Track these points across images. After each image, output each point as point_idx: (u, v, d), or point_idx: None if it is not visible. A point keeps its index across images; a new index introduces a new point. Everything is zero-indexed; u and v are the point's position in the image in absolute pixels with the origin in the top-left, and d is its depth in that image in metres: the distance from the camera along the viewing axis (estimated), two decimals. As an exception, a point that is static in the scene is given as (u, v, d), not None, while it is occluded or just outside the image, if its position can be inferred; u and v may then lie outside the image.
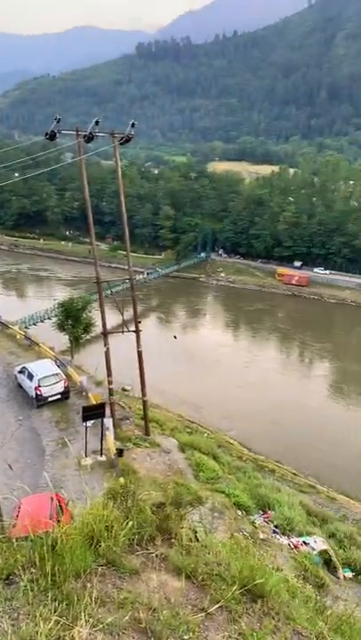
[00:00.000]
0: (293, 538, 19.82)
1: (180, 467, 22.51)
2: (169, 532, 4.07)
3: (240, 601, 3.38)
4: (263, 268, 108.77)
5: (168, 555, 3.75)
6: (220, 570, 3.66)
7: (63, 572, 3.01)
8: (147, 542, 3.86)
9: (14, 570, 3.07)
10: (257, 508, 21.74)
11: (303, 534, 20.45)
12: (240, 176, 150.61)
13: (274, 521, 20.78)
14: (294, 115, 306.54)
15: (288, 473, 39.07)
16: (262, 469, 36.66)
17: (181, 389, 51.12)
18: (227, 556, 3.94)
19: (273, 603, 3.47)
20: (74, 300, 42.54)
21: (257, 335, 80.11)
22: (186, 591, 3.39)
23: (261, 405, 51.20)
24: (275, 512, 21.52)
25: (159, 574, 3.50)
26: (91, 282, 36.59)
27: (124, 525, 3.81)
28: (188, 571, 3.52)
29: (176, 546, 3.89)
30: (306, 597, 4.32)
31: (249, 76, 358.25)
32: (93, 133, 21.11)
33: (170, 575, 3.54)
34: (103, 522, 3.72)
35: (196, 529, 4.63)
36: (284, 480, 35.85)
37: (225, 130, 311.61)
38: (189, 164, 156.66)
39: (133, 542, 3.79)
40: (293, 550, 18.43)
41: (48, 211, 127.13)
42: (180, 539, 4.01)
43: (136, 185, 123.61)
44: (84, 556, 3.30)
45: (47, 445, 22.82)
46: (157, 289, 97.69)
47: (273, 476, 34.74)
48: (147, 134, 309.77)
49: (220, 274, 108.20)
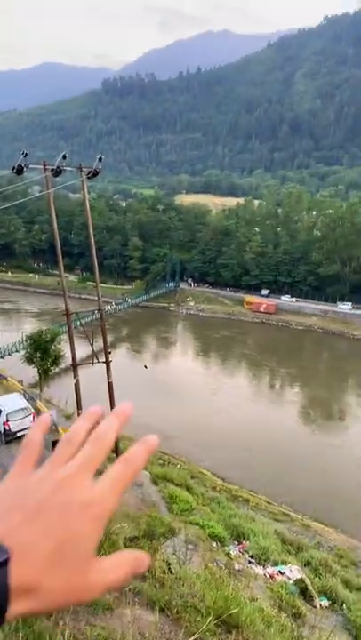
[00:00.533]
0: (269, 567, 19.55)
1: (153, 499, 22.14)
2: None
3: (215, 632, 3.35)
4: (232, 297, 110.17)
5: (142, 588, 3.71)
6: (195, 601, 3.63)
7: (35, 611, 2.94)
8: (120, 576, 3.81)
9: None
10: (232, 538, 21.44)
11: (279, 563, 20.21)
12: (207, 208, 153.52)
13: (249, 551, 20.50)
14: (257, 148, 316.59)
15: (262, 502, 38.81)
16: (236, 499, 36.33)
17: (153, 419, 50.46)
18: (201, 587, 3.92)
19: (248, 632, 3.45)
20: (42, 333, 42.04)
21: (227, 362, 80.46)
22: (160, 625, 3.35)
23: (233, 433, 51.13)
24: (249, 542, 21.26)
25: (133, 609, 3.46)
26: (60, 313, 36.37)
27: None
28: (161, 604, 3.49)
29: (150, 579, 3.86)
30: (281, 627, 4.31)
31: (213, 112, 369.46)
32: (61, 167, 21.32)
33: (144, 609, 3.50)
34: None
35: (169, 561, 4.58)
36: (259, 509, 35.57)
37: (191, 163, 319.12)
38: (157, 197, 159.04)
39: (106, 577, 3.74)
40: (269, 580, 18.16)
41: (16, 243, 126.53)
42: (153, 571, 3.97)
43: (105, 217, 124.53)
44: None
45: (16, 482, 22.19)
46: (127, 319, 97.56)
47: (247, 506, 34.43)
48: (114, 168, 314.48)
49: (189, 303, 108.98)
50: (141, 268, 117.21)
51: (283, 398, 68.02)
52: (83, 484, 0.70)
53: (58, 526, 0.66)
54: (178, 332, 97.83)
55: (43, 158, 25.55)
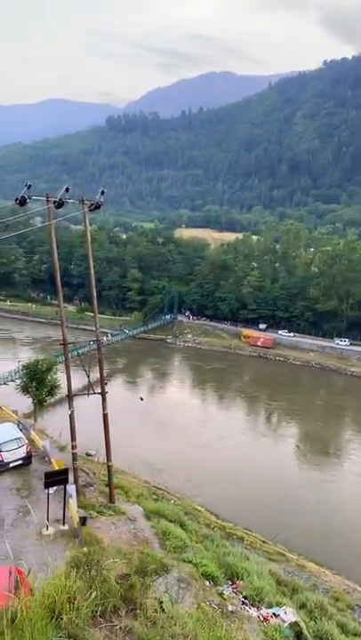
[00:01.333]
0: (263, 609, 18.99)
1: (145, 535, 21.66)
2: (134, 602, 3.94)
3: (207, 674, 3.27)
4: (229, 330, 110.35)
5: (133, 627, 3.62)
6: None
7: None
8: (111, 614, 3.73)
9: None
10: (225, 577, 20.90)
11: (273, 605, 19.64)
12: (206, 242, 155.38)
13: (243, 591, 19.94)
14: (257, 186, 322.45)
15: (257, 540, 37.99)
16: (231, 537, 35.60)
17: (148, 453, 50.08)
18: (193, 627, 3.82)
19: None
20: (39, 362, 41.80)
21: (223, 396, 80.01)
22: (151, 665, 3.26)
23: (228, 468, 50.47)
24: (244, 582, 20.72)
25: (123, 648, 3.37)
26: (56, 343, 36.32)
27: (88, 596, 3.68)
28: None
29: (141, 617, 3.77)
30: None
31: (214, 149, 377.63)
32: (63, 200, 21.66)
33: (134, 649, 3.41)
34: (65, 592, 3.60)
35: (161, 599, 4.47)
36: (253, 548, 34.82)
37: (191, 199, 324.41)
38: (157, 230, 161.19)
39: (97, 614, 3.66)
40: (263, 623, 17.63)
41: (15, 273, 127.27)
42: (145, 609, 3.88)
43: (105, 249, 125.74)
44: (45, 630, 3.17)
45: (7, 514, 21.70)
46: (124, 350, 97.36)
47: (242, 544, 33.71)
48: (116, 201, 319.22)
49: (186, 335, 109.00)
50: (140, 299, 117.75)
51: (278, 433, 67.44)
52: None
53: None
54: (174, 365, 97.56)
55: (46, 190, 25.99)
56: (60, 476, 20.47)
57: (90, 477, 26.99)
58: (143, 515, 24.19)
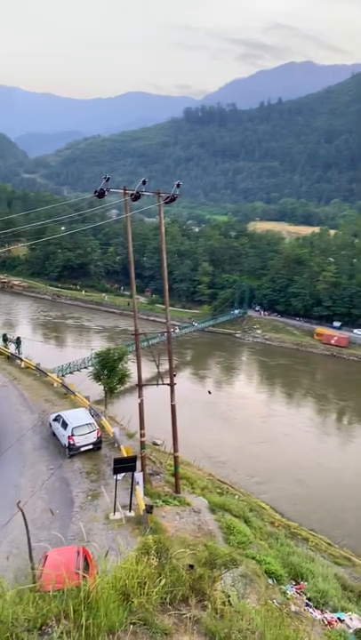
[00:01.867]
0: (327, 613, 18.60)
1: (210, 528, 21.76)
2: (202, 593, 3.97)
3: (274, 673, 3.24)
4: (301, 327, 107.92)
5: (201, 617, 3.65)
6: (255, 638, 3.53)
7: (97, 626, 2.97)
8: (179, 602, 3.78)
9: (47, 620, 3.05)
10: (289, 577, 20.65)
11: (338, 610, 19.19)
12: (280, 235, 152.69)
13: (307, 593, 19.63)
14: (336, 178, 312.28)
15: (322, 542, 37.10)
16: (295, 537, 35.00)
17: (214, 446, 50.23)
18: (261, 623, 3.80)
19: None
20: (111, 351, 42.87)
21: (292, 394, 78.55)
22: (218, 658, 3.28)
23: (295, 467, 49.58)
24: (308, 583, 20.37)
25: (192, 637, 3.41)
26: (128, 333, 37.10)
27: (157, 583, 3.75)
28: (221, 636, 3.42)
29: (209, 609, 3.79)
30: None
31: (292, 141, 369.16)
32: (140, 192, 22.00)
33: (202, 639, 3.44)
34: (136, 577, 3.68)
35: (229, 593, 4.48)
36: (318, 550, 34.05)
37: (266, 191, 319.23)
38: (230, 223, 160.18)
39: (166, 601, 3.71)
40: (327, 627, 17.27)
41: (91, 264, 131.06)
42: (213, 601, 3.90)
43: (177, 242, 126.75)
44: (118, 612, 3.26)
45: (77, 497, 22.56)
46: (193, 343, 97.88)
47: (306, 545, 33.07)
48: (190, 194, 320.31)
49: (256, 330, 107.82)
50: (210, 293, 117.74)
51: (351, 434, 65.38)
52: None
53: None
54: (242, 360, 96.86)
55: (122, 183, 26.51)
56: (128, 463, 20.97)
57: (156, 466, 27.46)
58: (208, 507, 24.31)
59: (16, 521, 16.10)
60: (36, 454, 26.57)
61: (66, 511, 21.40)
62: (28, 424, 29.35)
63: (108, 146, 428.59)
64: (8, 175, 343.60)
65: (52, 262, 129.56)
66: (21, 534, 14.80)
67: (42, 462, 25.73)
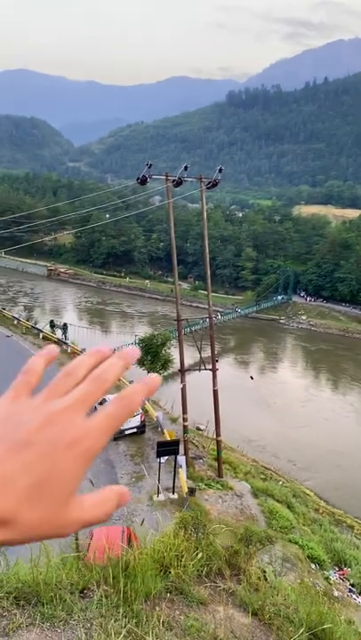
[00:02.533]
0: (371, 600, 18.46)
1: (252, 512, 21.91)
2: (238, 568, 4.08)
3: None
4: (348, 313, 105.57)
5: (236, 590, 3.77)
6: (289, 612, 3.62)
7: (134, 591, 3.13)
8: (215, 575, 3.90)
9: (89, 585, 3.24)
10: (332, 563, 20.58)
11: (383, 598, 19.01)
12: (326, 219, 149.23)
13: (350, 579, 19.53)
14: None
15: (368, 531, 36.68)
16: (340, 524, 34.71)
17: (257, 432, 50.15)
18: (295, 599, 3.88)
19: (342, 652, 3.37)
20: (154, 337, 43.41)
21: (338, 381, 77.23)
22: (252, 628, 3.39)
23: (342, 455, 48.91)
24: (351, 570, 20.25)
25: (226, 608, 3.53)
26: (171, 319, 37.38)
27: (194, 556, 3.88)
28: (255, 607, 3.52)
29: (244, 582, 3.90)
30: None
31: (338, 122, 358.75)
32: (182, 178, 22.03)
33: (237, 610, 3.56)
34: (173, 550, 3.82)
35: (265, 569, 4.59)
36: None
37: (312, 174, 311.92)
38: (274, 207, 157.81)
39: (202, 574, 3.85)
40: (371, 614, 17.15)
41: (135, 251, 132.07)
42: (248, 576, 4.01)
43: (220, 227, 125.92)
44: (155, 580, 3.41)
45: (121, 478, 23.14)
46: (236, 329, 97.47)
47: (352, 533, 32.75)
48: (233, 178, 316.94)
49: (300, 317, 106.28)
50: (253, 278, 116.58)
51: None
52: (73, 421, 0.68)
53: (40, 462, 0.64)
54: (285, 346, 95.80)
55: (165, 169, 26.58)
56: (172, 447, 21.32)
57: (199, 450, 27.76)
58: (250, 492, 24.44)
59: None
60: (82, 437, 27.30)
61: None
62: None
63: (150, 132, 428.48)
64: (53, 164, 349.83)
65: (97, 250, 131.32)
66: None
67: (87, 445, 26.42)
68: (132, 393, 0.73)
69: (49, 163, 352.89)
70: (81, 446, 0.67)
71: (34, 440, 0.65)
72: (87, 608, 2.97)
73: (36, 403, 0.71)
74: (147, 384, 0.74)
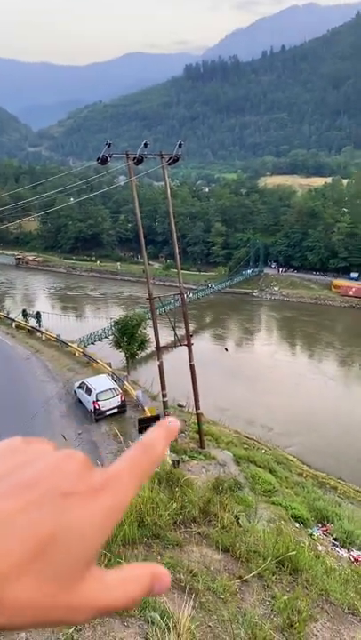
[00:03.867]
0: (354, 551, 19.35)
1: (235, 478, 22.55)
2: (211, 514, 4.40)
3: (274, 572, 3.66)
4: (318, 281, 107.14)
5: (209, 533, 4.08)
6: (258, 547, 3.95)
7: (113, 537, 3.41)
8: (190, 522, 4.21)
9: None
10: (315, 521, 21.40)
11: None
12: (292, 189, 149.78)
13: (333, 534, 20.37)
14: (346, 125, 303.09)
15: (351, 490, 37.94)
16: (323, 486, 35.87)
17: (237, 403, 51.03)
18: (265, 536, 4.23)
19: (307, 575, 3.73)
20: (129, 318, 43.56)
21: (313, 348, 78.79)
22: (225, 562, 3.71)
23: (318, 419, 50.24)
24: (334, 525, 21.10)
25: (200, 548, 3.85)
26: (143, 299, 37.52)
27: (169, 506, 4.18)
28: (226, 545, 3.84)
29: (217, 526, 4.22)
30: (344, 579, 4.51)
31: (298, 90, 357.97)
32: (142, 156, 21.99)
33: (210, 549, 3.88)
34: (150, 503, 4.10)
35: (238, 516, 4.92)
36: (347, 497, 34.86)
37: (275, 144, 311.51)
38: (240, 181, 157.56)
39: (177, 521, 4.15)
40: (354, 563, 18.01)
41: (103, 233, 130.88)
42: (221, 521, 4.33)
43: (187, 204, 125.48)
44: (132, 529, 3.70)
45: (106, 457, 23.50)
46: (210, 305, 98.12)
47: (335, 493, 33.90)
48: (198, 153, 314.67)
49: (273, 288, 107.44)
50: (224, 253, 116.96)
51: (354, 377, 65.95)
52: (78, 472, 0.51)
53: (47, 513, 0.44)
54: (261, 318, 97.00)
55: (127, 148, 26.41)
56: (153, 422, 21.59)
57: (181, 424, 28.24)
58: (233, 460, 25.12)
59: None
60: (64, 421, 27.56)
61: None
62: (53, 393, 30.31)
63: (109, 112, 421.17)
64: (13, 150, 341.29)
65: (64, 235, 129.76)
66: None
67: (70, 428, 26.70)
68: (155, 440, 0.58)
69: (8, 149, 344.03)
70: (107, 494, 0.50)
71: (42, 481, 0.47)
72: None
73: None
74: (168, 429, 0.60)
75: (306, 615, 3.16)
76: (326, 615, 3.42)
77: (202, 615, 3.01)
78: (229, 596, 3.24)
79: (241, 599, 3.30)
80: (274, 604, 3.29)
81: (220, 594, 3.23)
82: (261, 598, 3.34)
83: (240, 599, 3.29)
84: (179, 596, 3.15)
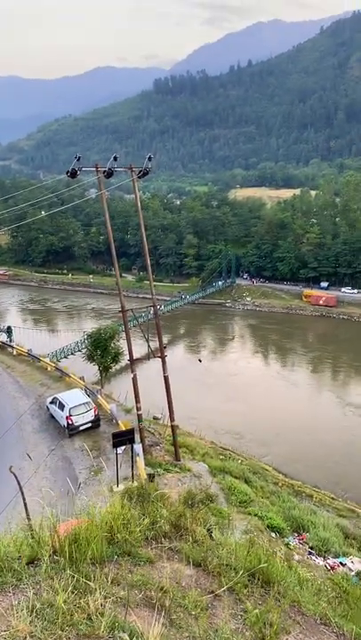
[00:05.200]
0: (330, 559, 19.48)
1: (212, 490, 22.45)
2: (183, 529, 4.36)
3: (247, 585, 3.64)
4: (290, 291, 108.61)
5: (181, 548, 4.04)
6: (230, 560, 3.93)
7: (82, 556, 3.34)
8: (162, 537, 4.16)
9: (39, 556, 3.42)
10: (291, 530, 21.48)
11: (340, 555, 20.07)
12: (261, 201, 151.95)
13: (309, 542, 20.49)
14: (313, 138, 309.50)
15: (326, 497, 38.22)
16: (299, 495, 36.06)
17: (212, 415, 51.08)
18: (237, 549, 4.20)
19: (279, 587, 3.71)
20: (102, 331, 43.24)
21: (285, 357, 79.60)
22: (196, 577, 3.67)
23: (294, 428, 50.67)
24: (309, 534, 21.23)
25: (172, 563, 3.80)
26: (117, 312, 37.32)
27: (141, 522, 4.13)
28: (198, 560, 3.81)
29: (189, 541, 4.18)
30: (317, 589, 4.52)
31: (266, 103, 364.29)
32: (112, 169, 21.98)
33: (182, 564, 3.83)
34: (121, 519, 4.04)
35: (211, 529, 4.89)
36: (323, 505, 35.13)
37: (244, 157, 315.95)
38: (211, 193, 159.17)
39: (149, 537, 4.10)
40: (330, 571, 18.09)
41: (75, 246, 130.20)
42: (193, 534, 4.29)
43: (159, 216, 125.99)
44: (102, 547, 3.63)
45: (80, 473, 23.15)
46: (185, 316, 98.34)
47: (311, 502, 34.11)
48: (168, 166, 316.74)
49: (245, 298, 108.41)
50: (197, 265, 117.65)
51: (346, 392, 66.70)
52: None
53: None
54: (234, 328, 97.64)
55: (98, 161, 26.36)
56: (127, 436, 21.48)
57: (156, 437, 28.09)
58: (208, 471, 25.03)
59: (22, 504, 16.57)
60: (37, 437, 27.07)
61: (70, 488, 21.96)
62: (25, 409, 29.78)
63: (80, 125, 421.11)
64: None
65: (35, 248, 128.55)
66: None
67: (43, 444, 26.24)
68: None
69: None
70: None
71: None
72: (36, 574, 3.16)
73: None
74: None
75: (278, 628, 3.15)
76: (298, 627, 3.42)
77: (173, 633, 2.96)
78: (201, 612, 3.20)
79: (212, 614, 3.26)
80: (246, 617, 3.26)
81: (191, 610, 3.19)
82: (233, 612, 3.31)
83: (211, 614, 3.25)
84: (149, 613, 3.11)
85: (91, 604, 2.82)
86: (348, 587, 17.18)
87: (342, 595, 15.05)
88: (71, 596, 2.89)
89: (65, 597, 2.83)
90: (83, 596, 2.92)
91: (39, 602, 2.79)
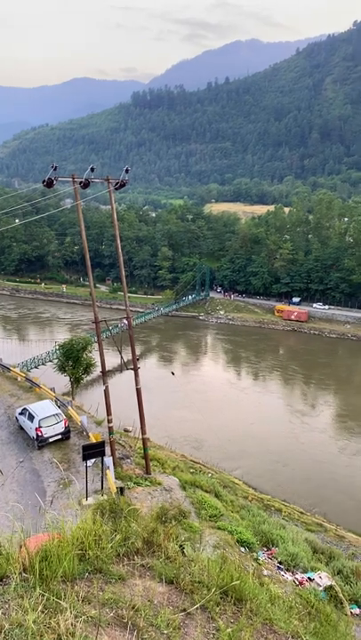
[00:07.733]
0: (298, 574, 19.49)
1: (181, 504, 22.30)
2: (155, 545, 4.30)
3: (219, 603, 3.61)
4: (262, 305, 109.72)
5: (153, 565, 3.98)
6: (203, 577, 3.89)
7: (52, 574, 3.26)
8: (134, 554, 4.10)
9: (7, 574, 3.33)
10: (260, 544, 21.45)
11: (308, 570, 20.12)
12: (236, 216, 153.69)
13: (278, 557, 20.48)
14: (287, 156, 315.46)
15: (295, 512, 38.40)
16: (268, 508, 36.13)
17: (183, 428, 50.96)
18: (210, 565, 4.16)
19: (251, 605, 3.69)
20: (74, 342, 42.85)
21: (257, 371, 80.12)
22: (168, 595, 3.62)
23: (264, 442, 50.90)
24: (278, 548, 21.23)
25: (144, 581, 3.74)
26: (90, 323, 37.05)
27: (112, 538, 4.06)
28: (170, 577, 3.76)
29: (162, 557, 4.12)
30: (288, 606, 4.51)
31: (242, 121, 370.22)
32: (89, 180, 21.95)
33: (154, 582, 3.78)
34: (92, 536, 3.97)
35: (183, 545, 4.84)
36: (291, 519, 35.26)
37: (220, 172, 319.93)
38: (186, 207, 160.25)
39: (120, 554, 4.03)
40: (298, 587, 18.11)
41: (49, 255, 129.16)
42: (165, 551, 4.24)
43: (134, 228, 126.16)
44: (73, 564, 3.55)
45: (48, 486, 22.72)
46: (158, 329, 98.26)
47: (280, 515, 34.20)
48: (144, 179, 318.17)
49: (219, 312, 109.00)
50: (171, 277, 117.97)
51: (316, 407, 67.40)
52: None
53: None
54: (207, 341, 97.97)
55: (74, 171, 26.31)
56: (97, 449, 21.22)
57: (127, 450, 27.81)
58: (179, 485, 24.87)
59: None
60: (5, 449, 26.51)
61: (39, 501, 21.52)
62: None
63: (56, 134, 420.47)
64: None
65: (8, 256, 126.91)
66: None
67: (11, 456, 25.71)
68: None
69: None
70: None
71: None
72: (5, 592, 3.07)
73: None
74: None
75: (250, 646, 3.12)
76: (271, 645, 3.40)
77: (144, 653, 2.91)
78: (173, 631, 3.15)
79: (185, 633, 3.21)
80: (218, 636, 3.23)
81: (163, 629, 3.14)
82: (206, 631, 3.27)
83: (184, 633, 3.21)
84: (121, 633, 3.04)
85: (61, 624, 2.75)
86: (316, 603, 17.25)
87: (312, 611, 15.08)
88: (41, 616, 2.81)
89: (35, 617, 2.75)
90: (53, 615, 2.85)
91: (7, 622, 2.70)
